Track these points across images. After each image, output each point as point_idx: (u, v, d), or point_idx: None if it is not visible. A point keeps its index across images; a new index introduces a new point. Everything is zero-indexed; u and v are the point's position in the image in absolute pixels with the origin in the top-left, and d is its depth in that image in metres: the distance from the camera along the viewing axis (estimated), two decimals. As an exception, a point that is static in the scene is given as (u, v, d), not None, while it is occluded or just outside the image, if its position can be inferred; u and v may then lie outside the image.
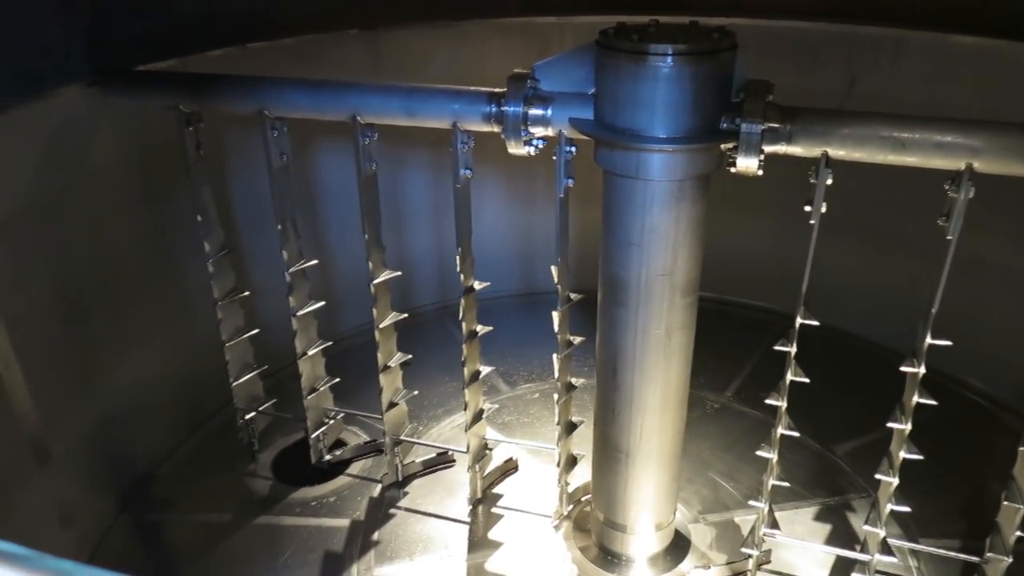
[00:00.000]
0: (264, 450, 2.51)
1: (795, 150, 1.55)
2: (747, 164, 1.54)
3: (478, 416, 2.18)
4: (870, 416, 1.98)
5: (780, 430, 1.83)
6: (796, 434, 1.83)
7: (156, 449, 2.48)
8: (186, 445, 2.57)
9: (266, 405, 2.47)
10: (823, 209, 1.58)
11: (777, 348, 1.74)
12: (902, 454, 1.75)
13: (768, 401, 1.81)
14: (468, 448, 2.18)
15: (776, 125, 1.51)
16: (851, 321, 3.04)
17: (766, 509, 1.91)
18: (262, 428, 2.51)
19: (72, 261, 2.09)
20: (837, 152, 1.54)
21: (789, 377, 1.77)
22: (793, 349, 1.73)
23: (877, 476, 1.80)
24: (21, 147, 1.92)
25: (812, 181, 1.56)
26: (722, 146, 1.58)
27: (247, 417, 2.43)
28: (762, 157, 1.53)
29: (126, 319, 2.30)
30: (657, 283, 1.68)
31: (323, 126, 2.00)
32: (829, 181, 1.55)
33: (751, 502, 1.93)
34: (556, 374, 1.97)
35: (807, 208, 1.59)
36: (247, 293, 2.32)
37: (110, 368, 2.25)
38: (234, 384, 2.35)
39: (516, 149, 1.72)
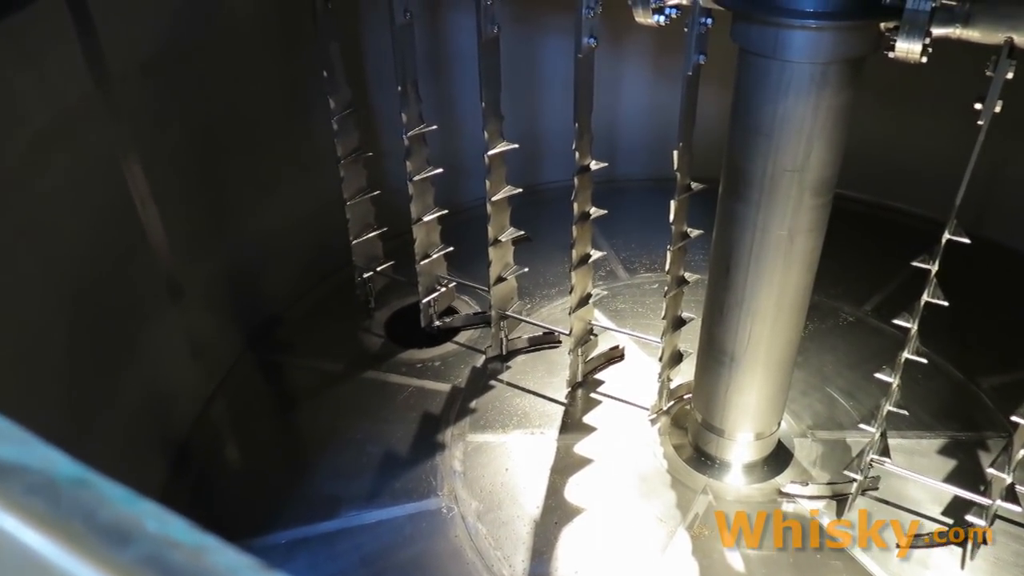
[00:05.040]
0: (380, 309, 2.61)
1: (971, 34, 1.29)
2: (908, 48, 1.31)
3: (584, 300, 2.13)
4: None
5: (906, 354, 1.66)
6: (923, 360, 1.65)
7: (282, 295, 2.63)
8: (310, 295, 2.70)
9: (384, 266, 2.53)
10: (997, 108, 1.34)
11: (916, 264, 1.55)
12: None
13: (897, 321, 1.63)
14: (571, 331, 2.15)
15: (951, 2, 1.26)
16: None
17: (877, 434, 1.77)
18: (380, 288, 2.59)
19: (210, 107, 2.17)
20: (1026, 39, 1.27)
21: (925, 298, 1.57)
22: (935, 267, 1.53)
23: (1014, 418, 1.60)
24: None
25: (988, 74, 1.31)
26: (882, 25, 1.35)
27: (365, 275, 2.52)
28: (928, 41, 1.30)
29: (258, 169, 2.39)
30: (784, 179, 1.52)
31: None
32: (1010, 75, 1.30)
33: (862, 425, 1.78)
34: (667, 266, 1.88)
35: (977, 106, 1.35)
36: (370, 153, 2.34)
37: (242, 214, 2.37)
38: (354, 242, 2.42)
39: (643, 18, 1.56)
